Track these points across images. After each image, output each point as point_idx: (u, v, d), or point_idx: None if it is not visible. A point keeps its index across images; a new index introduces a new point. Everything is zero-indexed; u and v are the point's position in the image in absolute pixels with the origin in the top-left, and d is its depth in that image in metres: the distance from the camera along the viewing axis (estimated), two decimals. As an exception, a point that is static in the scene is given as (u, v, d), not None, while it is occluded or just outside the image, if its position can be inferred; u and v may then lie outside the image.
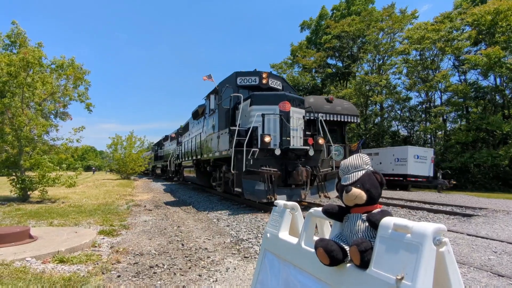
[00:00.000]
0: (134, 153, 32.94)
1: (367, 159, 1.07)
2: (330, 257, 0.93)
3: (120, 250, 5.16)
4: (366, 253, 0.86)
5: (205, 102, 13.65)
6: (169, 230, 6.89)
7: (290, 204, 1.32)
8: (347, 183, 1.03)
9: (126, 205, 10.87)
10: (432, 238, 0.71)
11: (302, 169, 9.25)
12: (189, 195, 15.44)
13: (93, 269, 4.20)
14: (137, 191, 18.45)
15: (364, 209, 1.00)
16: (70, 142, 11.91)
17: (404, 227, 0.77)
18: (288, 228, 1.29)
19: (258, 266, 1.35)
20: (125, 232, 6.68)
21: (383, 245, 0.80)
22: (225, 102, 11.51)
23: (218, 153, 10.91)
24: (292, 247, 1.17)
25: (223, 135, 10.88)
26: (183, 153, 19.32)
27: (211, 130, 12.29)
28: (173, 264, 4.51)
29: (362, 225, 0.98)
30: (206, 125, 13.31)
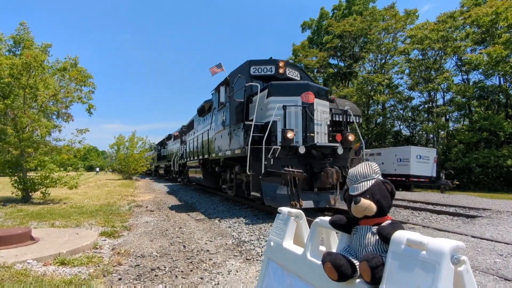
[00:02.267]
0: (136, 153, 33.01)
1: (376, 167, 1.02)
2: (338, 272, 0.88)
3: (121, 252, 5.13)
4: (377, 270, 0.81)
5: (213, 96, 12.43)
6: (170, 232, 6.86)
7: (294, 211, 1.28)
8: (355, 193, 0.98)
9: (128, 206, 10.85)
10: (450, 256, 0.66)
11: (332, 170, 7.97)
12: (195, 198, 15.40)
13: (94, 272, 4.17)
14: (139, 191, 18.45)
15: (373, 221, 0.95)
16: (72, 143, 11.90)
17: (419, 243, 0.72)
18: (292, 237, 1.24)
19: (262, 275, 1.31)
20: (126, 233, 6.65)
21: (395, 261, 0.75)
22: (238, 94, 10.05)
23: (229, 152, 9.67)
24: (297, 257, 1.13)
25: (235, 131, 9.66)
26: (187, 153, 18.29)
27: (221, 126, 10.99)
28: (175, 267, 4.48)
29: (372, 239, 0.93)
30: (214, 122, 12.01)
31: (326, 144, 8.63)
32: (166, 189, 20.29)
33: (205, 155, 13.13)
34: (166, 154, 30.36)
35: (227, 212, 9.63)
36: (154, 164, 39.09)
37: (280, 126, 8.63)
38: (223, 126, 10.72)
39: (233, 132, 9.85)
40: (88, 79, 11.74)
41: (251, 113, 9.25)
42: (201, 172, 14.08)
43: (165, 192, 18.19)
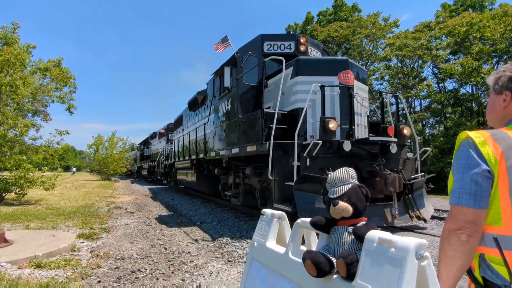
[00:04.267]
0: (115, 154, 32.31)
1: (353, 173, 1.12)
2: (317, 269, 0.96)
3: (100, 254, 5.05)
4: (352, 266, 0.90)
5: (209, 85, 10.59)
6: (151, 234, 6.80)
7: (277, 213, 1.35)
8: (334, 196, 1.07)
9: (107, 208, 10.64)
10: (414, 252, 0.76)
11: (394, 176, 5.90)
12: (177, 200, 15.24)
13: (72, 274, 4.10)
14: (118, 192, 18.09)
15: (350, 222, 1.05)
16: (49, 143, 11.56)
17: (389, 241, 0.82)
18: (275, 237, 1.31)
19: (245, 274, 1.37)
20: (105, 235, 6.55)
21: (368, 258, 0.85)
22: (249, 76, 7.91)
23: (237, 149, 7.43)
24: (280, 256, 1.20)
25: (247, 122, 7.27)
26: (175, 152, 15.99)
27: (224, 118, 8.63)
28: (156, 269, 4.46)
29: (348, 238, 1.02)
30: (213, 114, 9.70)
31: (383, 139, 6.56)
32: (147, 191, 19.98)
33: (200, 155, 10.99)
34: (150, 154, 28.25)
35: (208, 214, 9.61)
36: (137, 164, 36.46)
37: (313, 114, 6.51)
38: (227, 118, 8.27)
39: (243, 124, 7.38)
40: (70, 80, 11.46)
41: (266, 100, 7.03)
42: (194, 175, 11.80)
43: (146, 194, 17.92)
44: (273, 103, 6.90)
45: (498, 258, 1.01)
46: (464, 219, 1.00)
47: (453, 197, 1.11)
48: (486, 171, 1.04)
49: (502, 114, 1.21)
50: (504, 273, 1.00)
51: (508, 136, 1.08)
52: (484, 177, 1.04)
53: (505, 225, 1.02)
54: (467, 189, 1.05)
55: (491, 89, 1.27)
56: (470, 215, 1.03)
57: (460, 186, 1.08)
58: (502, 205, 1.03)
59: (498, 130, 1.13)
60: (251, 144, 6.83)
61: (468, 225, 1.00)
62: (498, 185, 1.03)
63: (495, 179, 1.04)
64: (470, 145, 1.09)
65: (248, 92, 7.93)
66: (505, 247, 0.99)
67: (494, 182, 1.04)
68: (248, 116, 7.20)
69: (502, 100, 1.20)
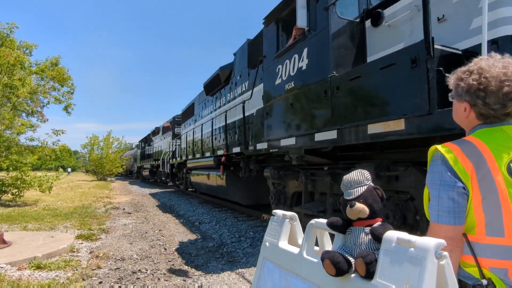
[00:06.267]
0: (111, 154, 32.13)
1: (367, 174, 1.14)
2: (336, 268, 0.99)
3: (100, 255, 5.04)
4: (371, 265, 0.93)
5: (243, 50, 7.78)
6: (150, 234, 6.80)
7: (289, 214, 1.38)
8: (350, 197, 1.10)
9: (104, 208, 10.60)
10: (434, 252, 0.80)
11: None
12: (174, 200, 15.15)
13: (72, 275, 4.09)
14: (114, 193, 18.02)
15: (366, 223, 1.08)
16: (45, 144, 11.47)
17: (408, 241, 0.85)
18: (287, 237, 1.34)
19: (257, 274, 1.39)
20: (104, 236, 6.53)
21: (387, 257, 0.88)
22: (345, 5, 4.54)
23: (336, 132, 3.88)
24: (294, 256, 1.22)
25: (384, 75, 3.21)
26: (186, 149, 13.07)
27: (290, 84, 4.92)
28: (157, 269, 4.46)
29: (366, 238, 1.05)
30: (258, 86, 6.44)
31: None
32: (146, 192, 19.90)
33: (232, 149, 7.85)
34: (151, 152, 24.55)
35: (207, 214, 9.62)
36: (137, 164, 33.05)
37: None
38: (299, 82, 4.69)
39: (362, 82, 3.55)
40: (68, 81, 11.39)
41: (377, 46, 4.01)
42: (223, 178, 8.71)
43: (142, 194, 17.85)
44: (404, 44, 3.51)
45: (470, 264, 1.09)
46: (444, 236, 1.03)
47: (432, 215, 1.14)
48: (461, 188, 1.07)
49: (466, 122, 1.23)
50: (475, 273, 1.08)
51: (477, 149, 1.09)
52: (460, 193, 1.08)
53: (478, 233, 1.08)
54: (445, 207, 1.09)
55: (453, 94, 1.27)
56: (450, 232, 1.08)
57: (438, 203, 1.11)
58: (475, 216, 1.07)
59: (467, 142, 1.14)
60: (388, 117, 3.17)
61: (449, 241, 1.03)
62: (472, 199, 1.07)
63: (470, 194, 1.07)
64: (441, 160, 1.12)
65: (342, 34, 4.23)
66: (478, 253, 1.07)
67: (469, 196, 1.08)
68: (386, 60, 3.21)
69: (463, 109, 1.21)
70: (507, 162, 1.08)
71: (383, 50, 3.82)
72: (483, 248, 1.08)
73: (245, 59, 7.57)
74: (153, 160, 23.07)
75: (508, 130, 1.15)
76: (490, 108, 1.13)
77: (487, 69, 1.14)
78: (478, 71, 1.16)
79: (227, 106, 8.78)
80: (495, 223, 1.06)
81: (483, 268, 1.07)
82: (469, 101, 1.17)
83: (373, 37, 4.09)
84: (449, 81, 1.30)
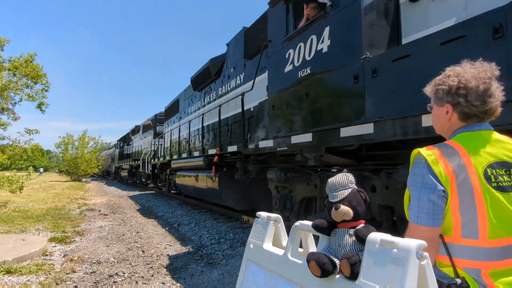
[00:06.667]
0: (86, 154, 31.12)
1: (351, 178, 1.18)
2: (322, 269, 1.02)
3: (75, 259, 4.88)
4: (356, 266, 0.97)
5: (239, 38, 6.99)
6: (127, 236, 6.64)
7: (273, 216, 1.39)
8: (335, 200, 1.13)
9: (79, 210, 10.26)
10: (416, 253, 0.84)
11: None
12: (152, 201, 14.87)
13: (45, 280, 3.94)
14: (90, 194, 17.47)
15: (350, 225, 1.12)
16: (17, 143, 10.95)
17: (391, 242, 0.88)
18: (271, 239, 1.35)
19: (240, 276, 1.40)
20: (79, 238, 6.33)
21: (371, 258, 0.91)
22: None
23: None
24: (278, 258, 1.24)
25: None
26: (170, 148, 12.34)
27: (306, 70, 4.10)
28: (134, 272, 4.37)
29: (350, 240, 1.09)
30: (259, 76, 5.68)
31: None
32: (123, 194, 19.40)
33: (226, 148, 6.87)
34: (131, 151, 23.29)
35: (186, 216, 9.51)
36: (115, 164, 31.34)
37: None
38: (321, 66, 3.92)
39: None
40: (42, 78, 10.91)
41: (412, 26, 3.27)
42: (215, 180, 7.67)
43: (119, 195, 17.40)
44: (455, 20, 2.81)
45: (445, 264, 1.15)
46: (422, 236, 1.08)
47: (412, 216, 1.18)
48: (442, 191, 1.12)
49: (448, 125, 1.28)
50: (450, 273, 1.14)
51: (457, 153, 1.15)
52: (440, 196, 1.13)
53: (454, 235, 1.14)
54: (425, 208, 1.14)
55: (432, 101, 1.33)
56: (428, 232, 1.13)
57: (418, 205, 1.15)
58: (453, 218, 1.13)
59: (448, 146, 1.19)
60: None
61: (427, 242, 1.07)
62: (450, 201, 1.13)
63: (448, 197, 1.13)
64: (423, 163, 1.16)
65: (374, 9, 3.49)
66: (453, 254, 1.13)
67: (448, 199, 1.13)
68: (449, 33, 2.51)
69: (445, 112, 1.26)
70: (484, 167, 1.14)
71: (425, 29, 3.04)
72: (458, 249, 1.13)
73: (241, 49, 6.81)
74: (133, 160, 21.85)
75: (486, 136, 1.21)
76: (472, 105, 1.18)
77: (463, 72, 1.21)
78: (455, 74, 1.23)
79: (218, 101, 7.91)
80: (470, 225, 1.11)
81: (458, 268, 1.12)
82: (451, 102, 1.23)
83: (410, 14, 3.34)
84: (426, 90, 1.36)
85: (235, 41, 7.27)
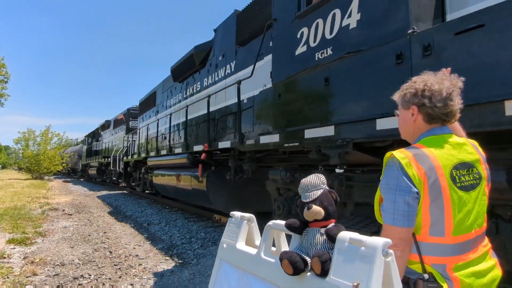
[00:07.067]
0: (50, 150, 29.58)
1: (323, 178, 1.22)
2: (294, 267, 1.05)
3: (36, 261, 4.64)
4: (326, 263, 1.01)
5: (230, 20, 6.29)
6: (94, 237, 6.40)
7: (247, 215, 1.41)
8: (307, 200, 1.17)
9: (41, 209, 9.74)
10: (381, 250, 0.89)
11: None
12: (120, 200, 14.38)
13: (3, 284, 3.72)
14: (53, 193, 16.63)
15: (321, 224, 1.16)
16: None
17: (359, 241, 0.93)
18: (245, 239, 1.37)
19: (213, 276, 1.40)
20: (41, 240, 6.02)
21: (340, 256, 0.96)
22: None
23: None
24: (252, 257, 1.26)
25: None
26: (146, 144, 11.13)
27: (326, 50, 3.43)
28: (101, 274, 4.23)
29: (321, 238, 1.13)
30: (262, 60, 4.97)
31: None
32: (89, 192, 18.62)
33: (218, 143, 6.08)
34: (100, 148, 21.86)
35: (156, 215, 9.31)
36: (82, 162, 29.34)
37: None
38: (347, 46, 3.21)
39: None
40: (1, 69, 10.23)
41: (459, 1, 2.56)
42: (203, 180, 6.70)
43: (85, 194, 16.71)
44: None
45: (415, 261, 1.21)
46: (398, 237, 1.15)
47: (387, 217, 1.23)
48: (415, 193, 1.19)
49: (413, 128, 1.36)
50: (419, 269, 1.20)
51: (427, 156, 1.23)
52: (414, 198, 1.19)
53: (423, 234, 1.21)
54: (401, 210, 1.19)
55: (400, 106, 1.41)
56: (403, 233, 1.19)
57: (394, 207, 1.20)
58: (423, 218, 1.20)
59: (418, 149, 1.26)
60: None
61: (402, 242, 1.17)
62: (422, 202, 1.20)
63: (421, 198, 1.20)
64: (397, 166, 1.22)
65: None
66: (423, 252, 1.20)
67: (420, 200, 1.20)
68: None
69: (411, 114, 1.34)
70: (450, 168, 1.22)
71: (478, 2, 2.38)
72: (427, 247, 1.20)
73: (232, 34, 6.11)
74: (102, 157, 20.42)
75: (448, 139, 1.29)
76: (435, 106, 1.27)
77: (427, 79, 1.32)
78: (421, 80, 1.33)
79: (204, 92, 7.11)
80: (438, 224, 1.19)
81: (426, 264, 1.19)
82: (417, 103, 1.31)
83: None
84: (394, 97, 1.44)
85: (224, 26, 6.54)
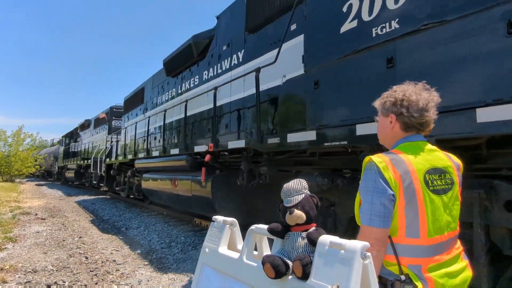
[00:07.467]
0: (21, 152, 28.36)
1: (305, 183, 1.26)
2: (276, 271, 1.08)
3: (6, 268, 4.45)
4: (307, 267, 1.04)
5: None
6: (69, 242, 6.19)
7: (229, 220, 1.42)
8: (289, 205, 1.20)
9: (11, 214, 9.32)
10: (360, 253, 0.93)
11: None
12: (97, 204, 13.95)
13: (-30, 293, 3.54)
14: (25, 196, 15.96)
15: (303, 228, 1.19)
16: None
17: (339, 244, 0.97)
18: (227, 243, 1.38)
19: (195, 281, 1.40)
20: (11, 245, 5.77)
21: (321, 259, 0.99)
22: None
23: None
24: (234, 261, 1.27)
25: None
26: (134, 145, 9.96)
27: (390, 23, 2.69)
28: (76, 280, 4.10)
29: (302, 242, 1.16)
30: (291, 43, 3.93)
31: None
32: (62, 194, 17.96)
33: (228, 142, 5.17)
34: (79, 149, 20.48)
35: (134, 219, 9.11)
36: (58, 164, 27.42)
37: None
38: (428, 16, 2.41)
39: None
40: None
41: None
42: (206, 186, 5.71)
43: (59, 197, 16.12)
44: None
45: (392, 262, 1.26)
46: (374, 237, 1.20)
47: (364, 218, 1.29)
48: (391, 195, 1.25)
49: (391, 135, 1.43)
50: (396, 271, 1.25)
51: (403, 160, 1.29)
52: (390, 200, 1.25)
53: (399, 235, 1.27)
54: (378, 211, 1.25)
55: (379, 113, 1.49)
56: (379, 234, 1.25)
57: (371, 208, 1.26)
58: (399, 220, 1.26)
59: (395, 154, 1.33)
60: None
61: (378, 242, 1.22)
62: (398, 204, 1.26)
63: (396, 200, 1.26)
64: (375, 169, 1.28)
65: None
66: (399, 253, 1.25)
67: (396, 202, 1.26)
68: None
69: (389, 122, 1.41)
70: (423, 173, 1.29)
71: None
72: (403, 248, 1.26)
73: (241, 20, 5.24)
74: (81, 159, 18.81)
75: (422, 146, 1.38)
76: (412, 116, 1.34)
77: (407, 89, 1.40)
78: (401, 90, 1.41)
79: (205, 86, 6.25)
80: (413, 225, 1.25)
81: (403, 265, 1.24)
82: (395, 112, 1.38)
83: None
84: (375, 104, 1.51)
85: (230, 12, 5.79)
